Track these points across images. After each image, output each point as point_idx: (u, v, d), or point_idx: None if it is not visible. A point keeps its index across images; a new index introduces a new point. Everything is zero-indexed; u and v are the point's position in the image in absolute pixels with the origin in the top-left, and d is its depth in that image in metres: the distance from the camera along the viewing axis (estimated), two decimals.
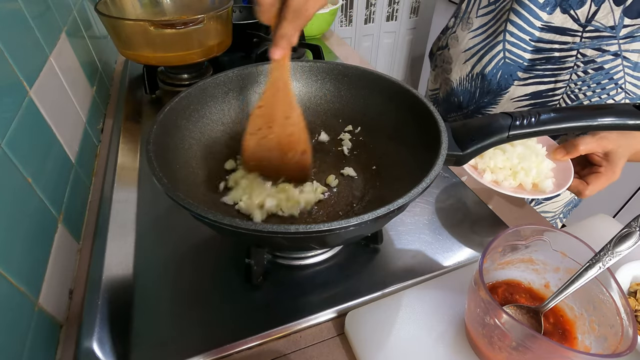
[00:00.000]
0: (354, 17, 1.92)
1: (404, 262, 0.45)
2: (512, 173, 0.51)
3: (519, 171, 0.50)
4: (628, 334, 0.28)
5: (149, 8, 0.82)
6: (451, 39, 0.72)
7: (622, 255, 0.31)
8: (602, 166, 0.52)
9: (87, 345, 0.36)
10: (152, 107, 0.74)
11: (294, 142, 0.45)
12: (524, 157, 0.51)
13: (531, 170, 0.50)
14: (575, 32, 0.56)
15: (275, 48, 0.38)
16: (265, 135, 0.45)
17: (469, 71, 0.68)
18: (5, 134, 0.37)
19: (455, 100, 0.74)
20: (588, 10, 0.54)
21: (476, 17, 0.66)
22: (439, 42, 0.78)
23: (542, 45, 0.59)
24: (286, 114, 0.44)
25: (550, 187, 0.49)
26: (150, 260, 0.45)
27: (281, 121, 0.44)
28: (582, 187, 0.52)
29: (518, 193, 0.49)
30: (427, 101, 0.44)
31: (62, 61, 0.57)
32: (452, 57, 0.71)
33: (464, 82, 0.70)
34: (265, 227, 0.30)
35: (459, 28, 0.70)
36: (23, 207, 0.38)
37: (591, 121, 0.38)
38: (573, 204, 0.76)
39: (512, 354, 0.30)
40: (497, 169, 0.51)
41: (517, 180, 0.50)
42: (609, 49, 0.55)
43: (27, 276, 0.35)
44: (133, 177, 0.56)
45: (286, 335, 0.39)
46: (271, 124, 0.44)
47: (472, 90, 0.69)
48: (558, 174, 0.51)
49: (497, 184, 0.50)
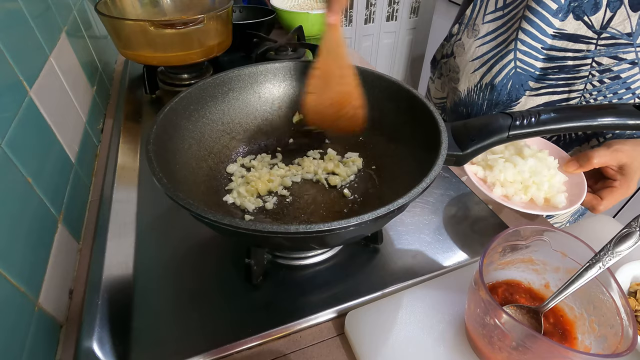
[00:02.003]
0: (354, 17, 1.92)
1: (404, 262, 0.45)
2: (523, 187, 0.49)
3: (530, 185, 0.48)
4: (628, 334, 0.28)
5: (149, 8, 0.82)
6: (457, 47, 0.68)
7: (622, 255, 0.31)
8: (617, 180, 0.50)
9: (87, 345, 0.36)
10: (152, 107, 0.74)
11: (349, 98, 0.48)
12: (535, 170, 0.49)
13: (543, 185, 0.48)
14: (589, 39, 0.53)
15: (330, 12, 0.43)
16: (324, 93, 0.48)
17: (477, 81, 0.65)
18: (5, 134, 0.37)
19: (464, 110, 0.71)
20: (603, 16, 0.51)
21: (482, 24, 0.63)
22: (442, 50, 0.75)
23: (555, 54, 0.56)
24: (341, 72, 0.47)
25: (563, 202, 0.47)
26: (150, 260, 0.45)
27: (337, 79, 0.47)
28: (596, 203, 0.50)
29: (530, 209, 0.47)
30: (427, 101, 0.44)
31: (62, 61, 0.57)
32: (460, 66, 0.68)
33: (472, 92, 0.67)
34: (265, 227, 0.30)
35: (465, 35, 0.66)
36: (23, 207, 0.38)
37: (591, 121, 0.38)
38: (580, 212, 0.75)
39: (512, 354, 0.30)
40: (507, 183, 0.49)
41: (529, 194, 0.48)
42: (625, 57, 0.52)
43: (27, 276, 0.35)
44: (133, 177, 0.56)
45: (286, 335, 0.39)
46: (328, 83, 0.47)
47: (480, 101, 0.67)
48: (571, 187, 0.49)
49: (508, 198, 0.49)
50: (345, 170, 0.51)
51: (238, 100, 0.52)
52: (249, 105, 0.53)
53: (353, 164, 0.51)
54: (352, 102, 0.48)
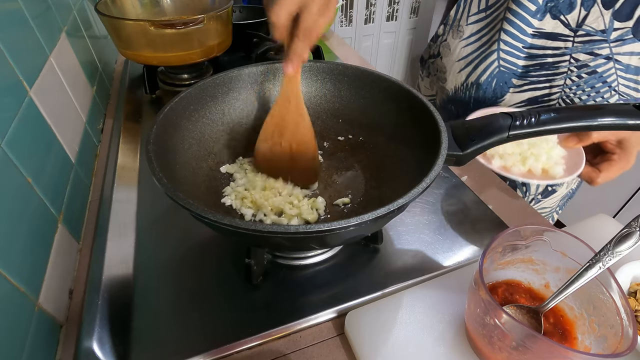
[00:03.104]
0: (354, 17, 1.92)
1: (404, 262, 0.45)
2: (522, 159, 0.50)
3: (528, 157, 0.49)
4: (628, 334, 0.28)
5: (149, 8, 0.82)
6: (443, 48, 0.72)
7: (622, 255, 0.31)
8: (616, 154, 0.50)
9: (87, 345, 0.36)
10: (152, 107, 0.74)
11: (304, 149, 0.48)
12: (534, 143, 0.50)
13: (541, 156, 0.49)
14: (566, 37, 0.56)
15: (288, 63, 0.42)
16: (277, 142, 0.48)
17: (463, 80, 0.69)
18: (5, 134, 0.37)
19: (452, 108, 0.74)
20: (578, 14, 0.54)
21: (467, 25, 0.66)
22: (429, 50, 0.78)
23: (535, 52, 0.59)
24: (296, 123, 0.47)
25: (561, 172, 0.48)
26: (150, 260, 0.45)
27: (292, 129, 0.47)
28: (594, 175, 0.50)
29: (527, 178, 0.48)
30: (427, 101, 0.44)
31: (62, 61, 0.57)
32: (446, 66, 0.72)
33: (459, 91, 0.71)
34: (265, 227, 0.30)
35: (450, 36, 0.70)
36: (23, 207, 0.38)
37: (591, 121, 0.38)
38: (568, 196, 0.77)
39: (512, 354, 0.30)
40: (506, 155, 0.50)
41: (527, 165, 0.49)
42: (601, 53, 0.55)
43: (27, 276, 0.35)
44: (133, 177, 0.56)
45: (286, 335, 0.39)
46: (283, 132, 0.47)
47: (467, 99, 0.70)
48: (569, 161, 0.50)
49: (506, 170, 0.50)
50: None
51: (238, 100, 0.52)
52: (249, 105, 0.53)
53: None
54: (306, 153, 0.48)
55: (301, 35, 0.39)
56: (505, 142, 0.40)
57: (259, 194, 0.47)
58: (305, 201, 0.47)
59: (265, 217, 0.45)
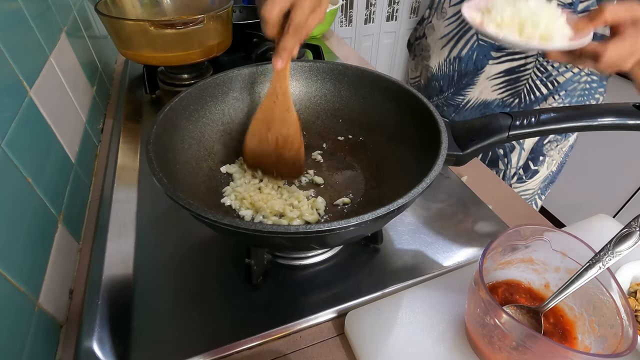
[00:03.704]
0: (354, 17, 1.92)
1: (404, 262, 0.45)
2: (519, 29, 0.47)
3: (526, 22, 0.46)
4: (628, 334, 0.28)
5: (149, 8, 0.82)
6: (428, 29, 0.77)
7: (622, 255, 0.31)
8: (627, 31, 0.45)
9: (87, 345, 0.36)
10: (152, 107, 0.74)
11: (289, 143, 0.49)
12: (535, 11, 0.47)
13: (539, 24, 0.46)
14: None
15: (278, 59, 0.42)
16: (264, 136, 0.48)
17: (446, 56, 0.72)
18: (5, 134, 0.37)
19: (436, 84, 0.77)
20: None
21: (449, 7, 0.70)
22: (416, 33, 0.84)
23: None
24: (283, 117, 0.47)
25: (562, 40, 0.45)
26: (150, 260, 0.45)
27: (279, 124, 0.48)
28: (601, 49, 0.45)
29: (523, 41, 0.45)
30: (427, 101, 0.44)
31: (62, 61, 0.57)
32: (430, 45, 0.76)
33: (442, 66, 0.74)
34: (265, 227, 0.30)
35: (435, 18, 0.74)
36: (23, 207, 0.38)
37: (591, 121, 0.38)
38: (549, 179, 0.78)
39: (512, 354, 0.30)
40: (503, 24, 0.47)
41: (524, 34, 0.46)
42: None
43: (27, 276, 0.35)
44: (133, 177, 0.56)
45: (286, 335, 0.39)
46: (270, 126, 0.48)
47: (450, 73, 0.73)
48: (574, 37, 0.46)
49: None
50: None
51: (238, 100, 0.52)
52: (249, 105, 0.53)
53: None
54: (292, 145, 0.49)
55: (291, 30, 0.40)
56: (505, 142, 0.40)
57: (257, 197, 0.47)
58: (306, 201, 0.47)
59: (265, 219, 0.45)
